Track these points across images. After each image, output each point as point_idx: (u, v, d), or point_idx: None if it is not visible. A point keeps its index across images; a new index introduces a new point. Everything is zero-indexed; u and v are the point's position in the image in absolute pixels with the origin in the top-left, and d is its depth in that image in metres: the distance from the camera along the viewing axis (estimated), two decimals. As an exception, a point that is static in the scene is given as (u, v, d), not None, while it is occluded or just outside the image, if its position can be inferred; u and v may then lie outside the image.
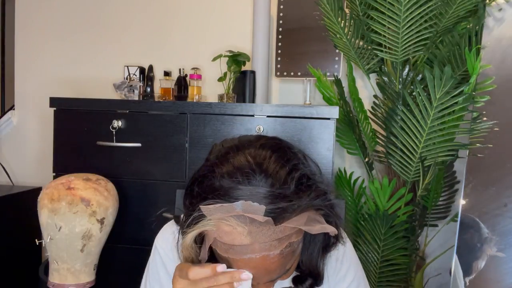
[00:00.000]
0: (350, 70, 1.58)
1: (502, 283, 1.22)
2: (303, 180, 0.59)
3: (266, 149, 0.61)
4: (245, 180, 0.56)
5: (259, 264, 0.57)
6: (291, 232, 0.57)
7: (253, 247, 0.55)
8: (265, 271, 0.58)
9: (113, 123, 1.38)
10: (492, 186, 1.28)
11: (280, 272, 0.60)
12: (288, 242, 0.57)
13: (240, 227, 0.55)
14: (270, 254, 0.56)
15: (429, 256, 1.66)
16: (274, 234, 0.55)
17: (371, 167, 1.61)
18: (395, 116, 1.35)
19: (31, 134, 2.03)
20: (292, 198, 0.56)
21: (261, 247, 0.55)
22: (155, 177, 1.39)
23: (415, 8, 1.26)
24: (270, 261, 0.57)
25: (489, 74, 1.30)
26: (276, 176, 0.57)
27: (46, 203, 1.17)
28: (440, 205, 1.63)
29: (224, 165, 0.59)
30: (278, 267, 0.58)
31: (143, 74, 1.76)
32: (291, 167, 0.59)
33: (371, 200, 1.46)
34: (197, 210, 0.57)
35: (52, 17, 1.99)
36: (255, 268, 0.57)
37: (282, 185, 0.57)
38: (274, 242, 0.56)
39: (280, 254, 0.57)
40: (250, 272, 0.57)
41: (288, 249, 0.57)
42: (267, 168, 0.58)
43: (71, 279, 1.19)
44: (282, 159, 0.60)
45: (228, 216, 0.55)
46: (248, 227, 0.55)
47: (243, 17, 1.83)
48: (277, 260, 0.57)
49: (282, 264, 0.58)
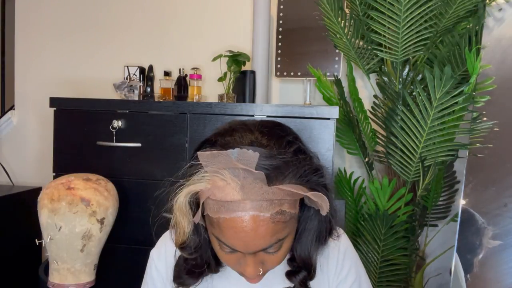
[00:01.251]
0: (350, 70, 1.58)
1: (502, 283, 1.22)
2: (300, 153, 0.62)
3: (268, 123, 0.66)
4: (246, 141, 0.59)
5: (249, 224, 0.56)
6: (284, 197, 0.57)
7: (244, 205, 0.55)
8: (254, 234, 0.56)
9: (113, 123, 1.38)
10: (492, 186, 1.28)
11: (269, 242, 0.58)
12: (279, 208, 0.57)
13: (234, 182, 0.55)
14: (260, 216, 0.56)
15: (429, 256, 1.66)
16: (266, 194, 0.55)
17: (371, 167, 1.61)
18: (395, 116, 1.35)
19: (31, 134, 2.03)
20: (287, 161, 0.58)
21: (252, 205, 0.55)
22: (155, 177, 1.38)
23: (415, 8, 1.26)
24: (260, 223, 0.56)
25: (489, 74, 1.30)
26: (276, 142, 0.60)
27: (46, 203, 1.17)
28: (440, 205, 1.63)
29: (226, 134, 0.62)
30: (267, 234, 0.57)
31: (143, 74, 1.76)
32: (291, 139, 0.63)
33: (371, 200, 1.46)
34: (194, 158, 0.60)
35: (52, 17, 1.99)
36: (244, 231, 0.56)
37: (279, 149, 0.59)
38: (265, 203, 0.56)
39: (270, 218, 0.56)
40: (242, 237, 0.56)
41: (279, 217, 0.57)
42: (268, 134, 0.61)
43: (71, 279, 1.19)
44: (282, 132, 0.64)
45: (222, 169, 0.55)
46: (241, 182, 0.55)
47: (243, 17, 1.83)
48: (267, 225, 0.56)
49: (272, 231, 0.57)
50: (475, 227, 1.25)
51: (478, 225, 1.25)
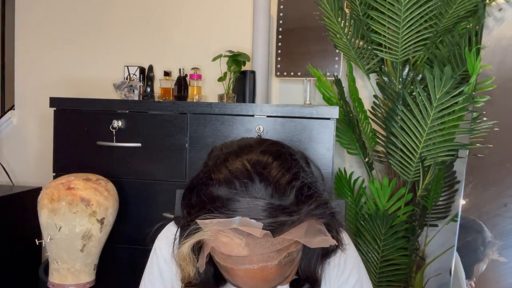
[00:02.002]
0: (350, 70, 1.58)
1: (501, 283, 1.22)
2: (303, 190, 0.58)
3: (266, 156, 0.60)
4: (244, 190, 0.55)
5: (257, 274, 0.56)
6: (290, 243, 0.56)
7: (250, 258, 0.55)
8: (263, 281, 0.57)
9: (113, 123, 1.38)
10: (492, 186, 1.28)
11: (279, 280, 0.59)
12: (286, 252, 0.56)
13: (238, 239, 0.54)
14: (268, 265, 0.56)
15: (429, 256, 1.66)
16: (272, 246, 0.55)
17: (371, 167, 1.61)
18: (395, 116, 1.35)
19: (31, 134, 2.03)
20: (291, 210, 0.55)
21: (259, 258, 0.55)
22: (155, 177, 1.38)
23: (415, 8, 1.26)
24: (269, 271, 0.56)
25: (489, 74, 1.30)
26: (276, 186, 0.56)
27: (46, 203, 1.17)
28: (440, 205, 1.63)
29: (222, 172, 0.58)
30: (276, 277, 0.58)
31: (143, 74, 1.76)
32: (292, 176, 0.58)
33: (371, 200, 1.46)
34: (194, 224, 0.57)
35: (52, 17, 1.99)
36: (253, 278, 0.57)
37: (281, 196, 0.56)
38: (273, 253, 0.55)
39: (278, 264, 0.56)
40: (248, 281, 0.57)
41: (287, 259, 0.57)
42: (266, 177, 0.56)
43: (71, 279, 1.19)
44: (282, 168, 0.58)
45: (237, 230, 0.54)
46: (245, 239, 0.54)
47: (243, 17, 1.83)
48: (276, 270, 0.57)
49: (281, 273, 0.58)
50: (482, 236, 1.25)
51: (484, 235, 1.25)
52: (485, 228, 1.26)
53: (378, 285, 1.48)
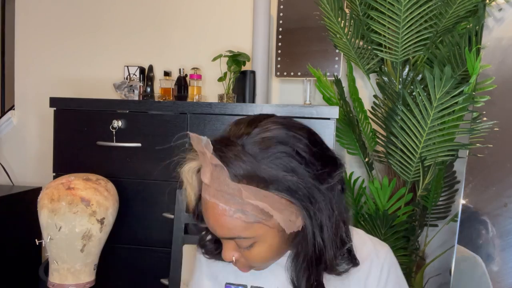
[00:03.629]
0: (350, 70, 1.58)
1: (502, 283, 1.22)
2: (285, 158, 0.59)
3: (276, 123, 0.63)
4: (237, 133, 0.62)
5: (209, 209, 0.60)
6: (246, 200, 0.57)
7: (209, 190, 0.59)
8: (213, 220, 0.60)
9: (113, 123, 1.38)
10: (492, 186, 1.28)
11: (229, 234, 0.60)
12: (240, 206, 0.57)
13: (208, 167, 0.59)
14: (219, 205, 0.58)
15: (429, 256, 1.66)
16: (228, 188, 0.57)
17: (371, 167, 1.61)
18: (395, 116, 1.35)
19: (31, 134, 2.03)
20: (262, 168, 0.57)
21: (215, 193, 0.58)
22: (155, 177, 1.38)
23: (415, 8, 1.26)
24: (218, 212, 0.58)
25: (489, 74, 1.30)
26: (263, 141, 0.59)
27: (46, 203, 1.17)
28: (440, 205, 1.63)
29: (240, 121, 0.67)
30: (225, 225, 0.59)
31: (143, 74, 1.76)
32: (288, 152, 0.59)
33: (371, 200, 1.46)
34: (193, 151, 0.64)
35: (52, 17, 1.99)
36: (207, 212, 0.61)
37: (268, 158, 0.58)
38: (227, 195, 0.58)
39: (228, 211, 0.58)
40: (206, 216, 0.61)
41: (239, 214, 0.58)
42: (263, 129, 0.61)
43: (71, 279, 1.19)
44: (284, 142, 0.60)
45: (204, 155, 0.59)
46: (212, 169, 0.58)
47: (243, 17, 1.83)
48: (225, 217, 0.58)
49: (230, 225, 0.59)
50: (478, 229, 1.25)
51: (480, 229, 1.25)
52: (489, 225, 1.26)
53: (378, 285, 1.48)
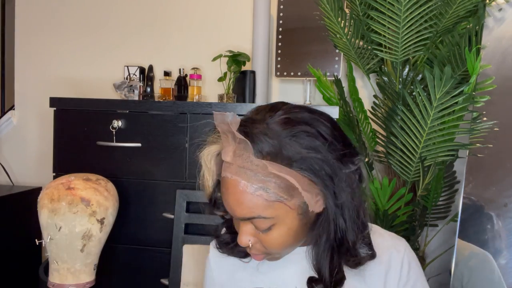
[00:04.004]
0: (350, 70, 1.58)
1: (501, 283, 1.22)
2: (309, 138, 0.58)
3: (301, 111, 0.61)
4: (261, 117, 0.60)
5: (231, 187, 0.59)
6: (270, 176, 0.57)
7: (231, 167, 0.59)
8: (234, 199, 0.59)
9: (113, 123, 1.38)
10: (492, 186, 1.28)
11: (250, 214, 0.59)
12: (263, 184, 0.57)
13: (230, 145, 0.59)
14: (241, 183, 0.58)
15: (429, 256, 1.65)
16: (252, 165, 0.57)
17: (371, 167, 1.61)
18: (395, 116, 1.35)
19: (31, 134, 2.03)
20: (286, 147, 0.57)
21: (237, 170, 0.58)
22: (155, 177, 1.38)
23: (415, 8, 1.25)
24: (240, 189, 0.58)
25: (489, 74, 1.30)
26: (288, 121, 0.59)
27: (46, 203, 1.17)
28: (440, 205, 1.63)
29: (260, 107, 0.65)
30: (246, 203, 0.58)
31: (143, 74, 1.76)
32: (311, 132, 0.59)
33: (371, 200, 1.46)
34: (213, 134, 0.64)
35: (52, 17, 1.99)
36: (228, 191, 0.60)
37: (293, 137, 0.58)
38: (250, 172, 0.57)
39: (250, 189, 0.57)
40: (227, 199, 0.61)
41: (260, 192, 0.57)
42: (287, 110, 0.60)
43: (71, 279, 1.19)
44: (308, 123, 0.59)
45: (227, 132, 0.59)
46: (235, 146, 0.58)
47: (243, 17, 1.83)
48: (246, 195, 0.58)
49: (251, 203, 0.58)
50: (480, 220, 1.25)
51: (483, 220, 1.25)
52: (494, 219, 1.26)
53: (378, 285, 1.48)
